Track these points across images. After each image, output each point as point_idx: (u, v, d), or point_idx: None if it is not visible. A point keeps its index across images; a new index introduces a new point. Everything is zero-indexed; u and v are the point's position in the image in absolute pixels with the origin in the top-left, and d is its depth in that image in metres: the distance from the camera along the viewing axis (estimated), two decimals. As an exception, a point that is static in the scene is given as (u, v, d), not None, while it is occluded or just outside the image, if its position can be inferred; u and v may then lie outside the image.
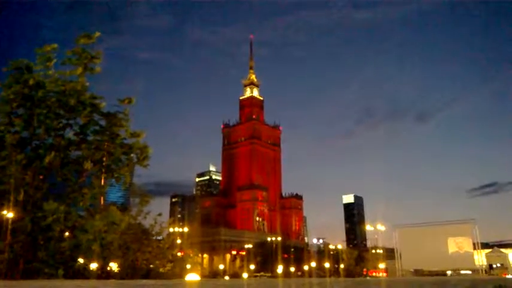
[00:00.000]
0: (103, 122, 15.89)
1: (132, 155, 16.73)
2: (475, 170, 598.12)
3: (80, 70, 14.74)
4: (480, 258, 62.88)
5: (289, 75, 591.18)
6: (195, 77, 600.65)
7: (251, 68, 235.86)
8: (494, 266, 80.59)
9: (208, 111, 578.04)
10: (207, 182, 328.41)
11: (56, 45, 14.78)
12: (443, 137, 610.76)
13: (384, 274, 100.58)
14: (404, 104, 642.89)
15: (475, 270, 58.98)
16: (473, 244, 59.07)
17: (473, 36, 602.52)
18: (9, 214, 13.31)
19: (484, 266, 65.10)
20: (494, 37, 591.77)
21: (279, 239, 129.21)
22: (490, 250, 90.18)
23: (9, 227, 12.61)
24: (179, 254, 24.17)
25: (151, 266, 19.21)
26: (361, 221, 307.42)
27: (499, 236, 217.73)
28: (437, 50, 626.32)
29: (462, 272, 58.03)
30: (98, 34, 14.88)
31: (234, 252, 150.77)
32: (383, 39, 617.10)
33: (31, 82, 13.39)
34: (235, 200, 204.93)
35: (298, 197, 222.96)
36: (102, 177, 16.41)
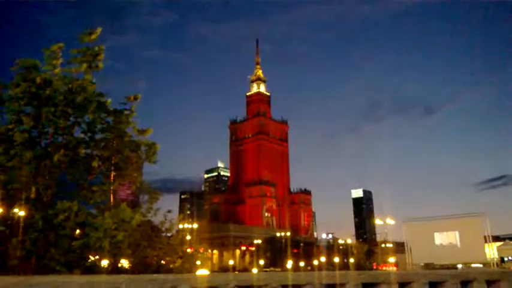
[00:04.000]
0: (110, 120, 15.89)
1: (140, 152, 16.74)
2: (483, 163, 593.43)
3: (84, 66, 14.75)
4: (491, 251, 62.28)
5: (294, 71, 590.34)
6: (200, 74, 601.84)
7: (258, 63, 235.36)
8: (506, 259, 79.91)
9: (215, 107, 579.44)
10: (215, 178, 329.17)
11: (62, 44, 14.81)
12: (450, 130, 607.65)
13: (394, 268, 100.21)
14: (411, 97, 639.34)
15: (486, 264, 58.45)
16: (484, 237, 58.53)
17: (479, 26, 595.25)
18: (20, 212, 13.44)
19: (495, 259, 64.49)
20: (501, 26, 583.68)
21: (288, 234, 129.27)
22: (501, 243, 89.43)
23: (21, 224, 12.73)
24: (189, 250, 24.26)
25: (162, 262, 19.29)
26: (370, 215, 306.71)
27: (509, 229, 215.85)
28: (443, 41, 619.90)
29: (473, 265, 57.52)
30: (99, 30, 14.87)
31: (243, 248, 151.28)
32: (388, 32, 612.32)
33: (38, 80, 13.42)
34: (244, 196, 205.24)
35: (307, 192, 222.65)
36: (112, 175, 16.44)
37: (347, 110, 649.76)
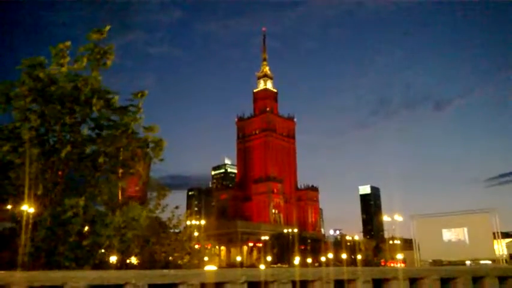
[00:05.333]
0: (116, 118, 15.87)
1: (147, 149, 16.73)
2: (492, 159, 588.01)
3: (85, 61, 14.73)
4: (500, 247, 61.72)
5: (302, 67, 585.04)
6: (207, 71, 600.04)
7: (264, 60, 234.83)
8: (515, 255, 79.15)
9: (222, 104, 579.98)
10: (222, 175, 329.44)
11: (69, 43, 14.81)
12: (460, 126, 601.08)
13: (402, 265, 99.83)
14: (420, 93, 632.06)
15: (495, 260, 57.96)
16: (493, 233, 58.03)
17: (489, 21, 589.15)
18: (30, 209, 13.53)
19: (504, 256, 63.92)
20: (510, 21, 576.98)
21: (295, 230, 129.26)
22: (510, 239, 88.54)
23: (31, 221, 12.81)
24: (197, 246, 24.34)
25: (170, 258, 19.37)
26: (378, 211, 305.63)
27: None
28: (453, 36, 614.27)
29: (482, 262, 57.07)
30: (108, 28, 14.80)
31: (250, 244, 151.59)
32: (397, 27, 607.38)
33: (42, 76, 13.43)
34: (251, 192, 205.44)
35: (314, 189, 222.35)
36: (119, 172, 16.45)
37: (355, 106, 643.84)
